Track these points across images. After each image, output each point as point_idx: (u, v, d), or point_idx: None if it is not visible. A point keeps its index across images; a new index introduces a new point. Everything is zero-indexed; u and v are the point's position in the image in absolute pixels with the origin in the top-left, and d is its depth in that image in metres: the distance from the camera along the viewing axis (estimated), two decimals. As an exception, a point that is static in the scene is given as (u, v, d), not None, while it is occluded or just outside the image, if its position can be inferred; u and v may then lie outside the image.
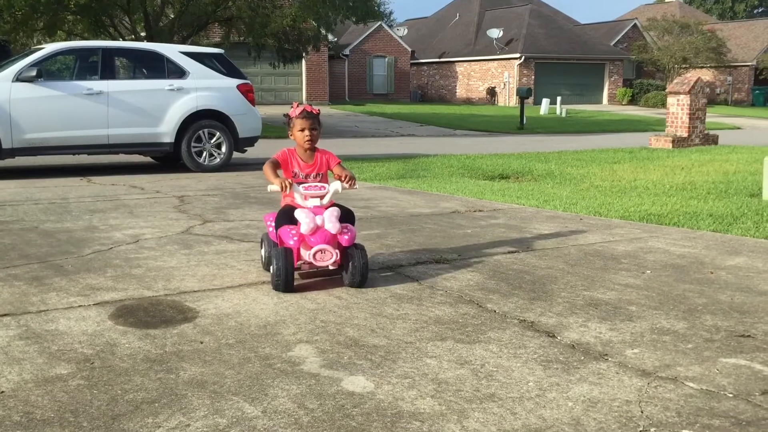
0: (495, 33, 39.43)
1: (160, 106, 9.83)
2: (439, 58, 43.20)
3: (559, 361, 2.83)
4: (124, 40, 18.23)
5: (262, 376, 2.66)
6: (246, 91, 10.49)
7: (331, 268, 3.86)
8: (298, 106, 4.05)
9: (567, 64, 39.98)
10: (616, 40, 43.71)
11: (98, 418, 2.30)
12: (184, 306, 3.55)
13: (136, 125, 9.71)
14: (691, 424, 2.28)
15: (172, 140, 9.92)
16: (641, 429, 2.24)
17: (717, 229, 5.72)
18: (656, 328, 3.23)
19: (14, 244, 5.04)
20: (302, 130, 3.99)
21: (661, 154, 12.72)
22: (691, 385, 2.59)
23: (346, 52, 37.64)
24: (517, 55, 38.47)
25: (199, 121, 10.06)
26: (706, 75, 40.58)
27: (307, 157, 4.08)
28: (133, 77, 10.53)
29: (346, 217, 3.94)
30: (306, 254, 3.81)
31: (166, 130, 9.87)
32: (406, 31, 44.05)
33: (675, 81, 15.57)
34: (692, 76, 15.44)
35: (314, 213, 3.80)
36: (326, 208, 3.87)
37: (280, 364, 2.78)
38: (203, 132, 10.10)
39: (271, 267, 3.80)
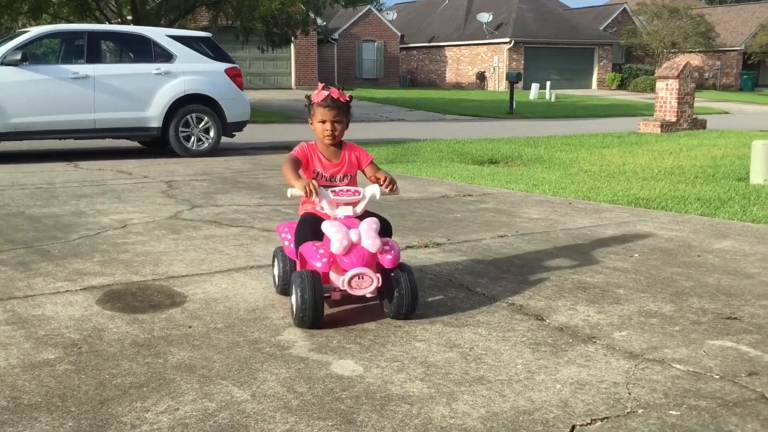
0: (485, 17, 39.28)
1: (147, 90, 9.74)
2: (429, 42, 43.01)
3: (547, 343, 2.85)
4: (110, 23, 18.02)
5: (251, 360, 2.66)
6: (234, 75, 10.42)
7: (369, 296, 3.06)
8: (323, 88, 3.21)
9: (556, 49, 39.92)
10: (605, 24, 43.67)
11: (86, 402, 2.29)
12: (173, 291, 3.54)
13: (123, 109, 9.63)
14: (678, 405, 2.30)
15: (160, 125, 9.85)
16: (629, 410, 2.26)
17: (704, 212, 5.75)
18: (644, 311, 3.25)
19: (0, 229, 5.00)
20: (323, 121, 3.17)
21: (649, 139, 12.75)
22: (678, 366, 2.61)
23: (335, 36, 37.40)
24: (507, 40, 38.36)
25: (187, 105, 9.99)
26: (695, 60, 40.62)
27: (332, 154, 3.27)
28: (120, 61, 10.42)
29: (384, 229, 3.12)
30: (338, 279, 2.98)
31: (153, 114, 9.79)
32: (395, 15, 43.80)
33: (664, 65, 15.58)
34: (681, 60, 15.46)
35: (347, 226, 3.00)
36: (360, 219, 3.07)
37: (269, 348, 2.78)
38: (191, 116, 10.03)
39: (292, 296, 2.97)
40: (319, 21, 25.41)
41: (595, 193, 6.71)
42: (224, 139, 10.55)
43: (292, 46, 29.04)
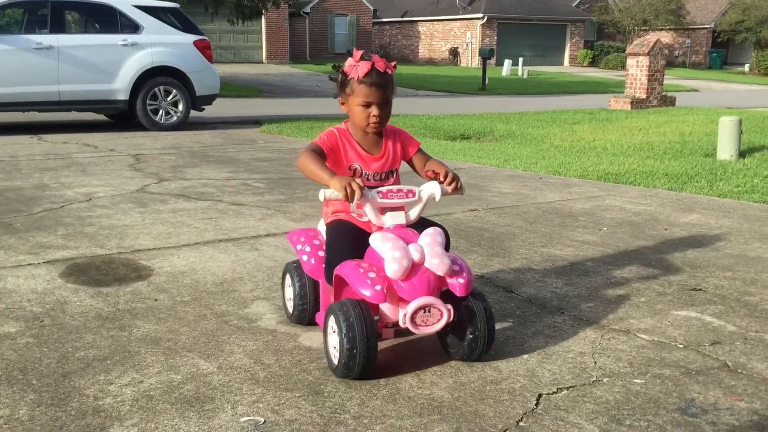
0: (458, -8, 39.06)
1: (113, 61, 9.52)
2: (402, 17, 42.68)
3: (515, 315, 2.86)
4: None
5: (218, 332, 2.63)
6: (203, 47, 10.23)
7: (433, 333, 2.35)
8: (362, 58, 2.40)
9: (529, 25, 39.90)
10: (577, 1, 43.70)
11: (48, 375, 2.25)
12: (138, 264, 3.48)
13: (89, 81, 9.40)
14: (642, 373, 2.33)
15: (127, 97, 9.65)
16: (594, 379, 2.28)
17: (672, 187, 5.81)
18: (611, 283, 3.28)
19: (-40, 202, 4.87)
20: (366, 104, 2.40)
21: (619, 115, 12.85)
22: (643, 336, 2.64)
23: (307, 9, 36.91)
24: (480, 15, 38.22)
25: (155, 78, 9.79)
26: (666, 37, 40.90)
27: (372, 143, 2.50)
28: (85, 31, 10.15)
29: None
30: (393, 312, 2.29)
31: (120, 86, 9.59)
32: (368, -11, 43.27)
33: (635, 43, 15.66)
34: (651, 37, 15.54)
35: (404, 239, 2.29)
36: (412, 228, 2.36)
37: (236, 320, 2.75)
38: (159, 89, 9.84)
39: (331, 336, 2.27)
40: (290, -6, 25.02)
41: (565, 168, 6.75)
42: (193, 113, 10.38)
43: (263, 19, 28.61)
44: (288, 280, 2.75)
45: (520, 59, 31.97)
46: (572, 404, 2.11)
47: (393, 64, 2.44)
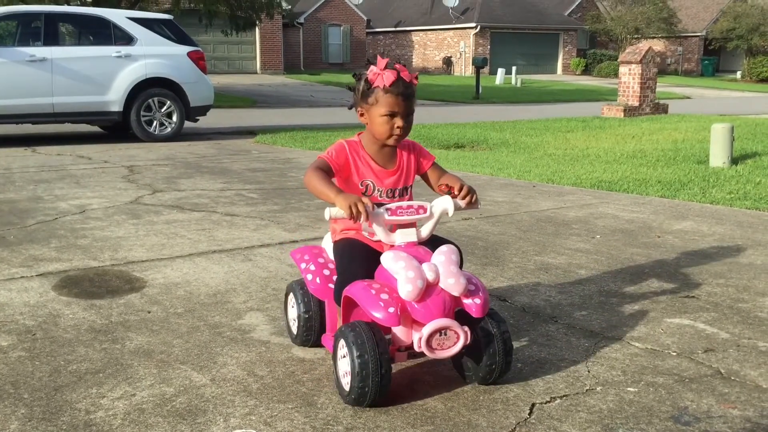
0: (451, 2, 39.21)
1: (107, 73, 9.54)
2: (395, 27, 42.84)
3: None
4: (69, 4, 17.56)
5: (211, 344, 2.62)
6: (197, 58, 10.24)
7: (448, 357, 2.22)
8: (386, 67, 2.27)
9: (522, 34, 40.09)
10: (570, 10, 43.94)
11: (40, 389, 2.24)
12: (132, 276, 3.47)
13: (82, 93, 9.41)
14: (635, 382, 2.33)
15: (121, 109, 9.65)
16: (588, 388, 2.28)
17: (665, 195, 5.83)
18: (604, 291, 3.28)
19: (-47, 215, 4.86)
20: (391, 114, 2.26)
21: (612, 123, 12.89)
22: (637, 344, 2.65)
23: (301, 20, 37.01)
24: (473, 25, 38.40)
25: (149, 89, 9.80)
26: (658, 45, 41.11)
27: (386, 157, 2.37)
28: (79, 44, 10.18)
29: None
30: (406, 334, 2.18)
31: (113, 98, 9.60)
32: (361, -1, 43.44)
33: (627, 51, 15.74)
34: (644, 45, 15.62)
35: (417, 257, 2.16)
36: (424, 246, 2.24)
37: (229, 332, 2.75)
38: (153, 101, 9.85)
39: (342, 360, 2.16)
40: (284, 4, 25.11)
41: (558, 176, 6.77)
42: (187, 124, 10.38)
43: (257, 29, 28.66)
44: (292, 300, 2.61)
45: (514, 68, 32.11)
46: (565, 413, 2.11)
47: (415, 75, 2.31)
